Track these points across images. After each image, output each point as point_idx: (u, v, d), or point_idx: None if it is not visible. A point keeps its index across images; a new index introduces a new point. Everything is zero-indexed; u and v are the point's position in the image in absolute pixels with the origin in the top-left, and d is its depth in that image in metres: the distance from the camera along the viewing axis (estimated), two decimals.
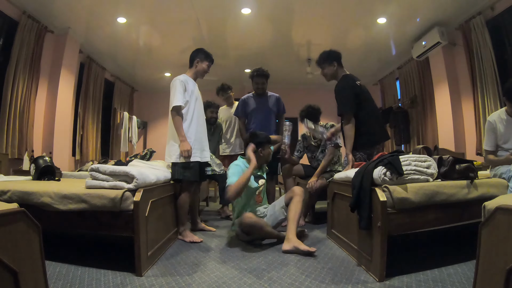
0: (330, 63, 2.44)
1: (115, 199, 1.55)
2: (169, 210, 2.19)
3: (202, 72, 2.48)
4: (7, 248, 0.84)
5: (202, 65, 2.45)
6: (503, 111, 2.12)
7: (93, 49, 5.21)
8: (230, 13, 4.21)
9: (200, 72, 2.47)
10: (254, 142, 2.34)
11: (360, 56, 5.59)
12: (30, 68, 3.88)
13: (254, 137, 2.38)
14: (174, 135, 2.31)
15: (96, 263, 1.67)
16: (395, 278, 1.47)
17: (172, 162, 2.30)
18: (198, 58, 2.45)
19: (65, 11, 4.02)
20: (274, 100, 3.24)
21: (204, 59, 2.46)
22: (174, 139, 2.32)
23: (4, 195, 1.69)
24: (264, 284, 1.45)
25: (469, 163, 1.79)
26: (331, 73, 2.45)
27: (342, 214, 2.03)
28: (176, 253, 1.97)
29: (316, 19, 4.38)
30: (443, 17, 4.25)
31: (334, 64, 2.43)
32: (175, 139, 2.31)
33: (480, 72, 3.87)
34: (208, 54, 2.50)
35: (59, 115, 4.37)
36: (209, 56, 2.50)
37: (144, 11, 4.10)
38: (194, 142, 2.31)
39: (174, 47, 5.22)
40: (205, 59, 2.47)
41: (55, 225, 1.66)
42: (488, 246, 0.95)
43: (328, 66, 2.45)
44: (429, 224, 1.59)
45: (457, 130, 4.46)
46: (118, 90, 6.55)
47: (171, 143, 2.33)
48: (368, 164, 1.73)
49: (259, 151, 2.34)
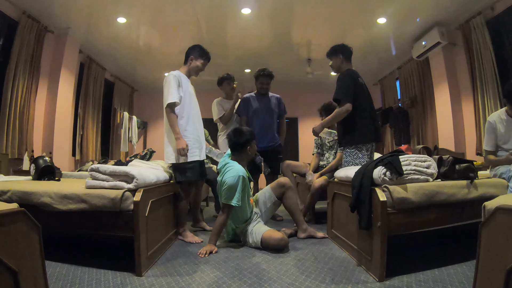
0: (336, 55, 2.47)
1: (115, 199, 1.55)
2: (169, 210, 2.19)
3: (196, 70, 2.39)
4: (7, 248, 0.84)
5: (196, 63, 2.37)
6: (503, 111, 2.12)
7: (93, 49, 5.21)
8: (230, 13, 4.21)
9: (193, 69, 2.38)
10: (242, 140, 2.19)
11: (360, 56, 5.58)
12: (30, 68, 3.88)
13: (241, 135, 2.21)
14: (169, 135, 2.23)
15: (96, 263, 1.67)
16: (395, 278, 1.47)
17: (172, 164, 2.25)
18: (193, 55, 2.38)
19: (65, 11, 4.02)
20: (276, 101, 3.24)
21: (198, 57, 2.38)
22: (169, 139, 2.24)
23: (4, 195, 1.69)
24: (264, 284, 1.45)
25: (469, 163, 1.79)
26: (336, 65, 2.48)
27: (342, 214, 2.03)
28: (176, 253, 1.97)
29: (316, 19, 4.38)
30: (443, 17, 4.25)
31: (340, 56, 2.46)
32: (170, 139, 2.23)
33: (480, 72, 3.87)
34: (204, 51, 2.41)
35: (59, 115, 4.37)
36: (204, 53, 2.41)
37: (144, 11, 4.10)
38: (194, 141, 2.27)
39: (174, 47, 5.21)
40: (200, 56, 2.38)
41: (55, 225, 1.66)
42: (488, 246, 0.95)
43: (335, 58, 2.48)
44: (429, 224, 1.59)
45: (457, 130, 4.46)
46: (118, 90, 6.55)
47: (166, 143, 2.26)
48: (368, 164, 1.73)
49: (248, 149, 2.23)
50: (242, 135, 2.21)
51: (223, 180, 2.10)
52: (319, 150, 3.20)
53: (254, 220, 2.22)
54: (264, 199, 2.37)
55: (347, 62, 2.47)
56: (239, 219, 2.17)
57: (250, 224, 2.18)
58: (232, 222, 2.18)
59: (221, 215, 2.06)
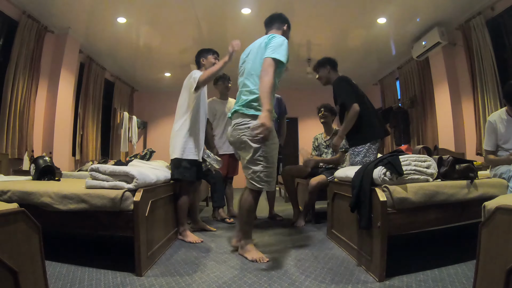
0: (323, 67, 2.54)
1: (115, 199, 1.55)
2: (169, 210, 2.19)
3: (211, 65, 2.45)
4: (7, 248, 0.84)
5: (209, 60, 2.47)
6: (504, 111, 2.12)
7: (93, 49, 5.21)
8: (230, 13, 4.21)
9: (209, 66, 2.45)
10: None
11: (360, 56, 5.59)
12: (30, 68, 3.88)
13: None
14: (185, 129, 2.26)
15: (96, 263, 1.67)
16: (395, 278, 1.47)
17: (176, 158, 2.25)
18: (202, 57, 2.50)
19: (65, 11, 4.02)
20: (276, 101, 3.23)
21: (207, 54, 2.50)
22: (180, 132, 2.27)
23: (4, 195, 1.69)
24: (264, 284, 1.45)
25: (469, 163, 1.79)
26: (324, 75, 2.54)
27: (342, 214, 2.03)
28: (176, 253, 1.97)
29: (316, 19, 4.38)
30: (443, 17, 4.25)
31: (327, 67, 2.52)
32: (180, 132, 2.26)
33: (480, 72, 3.87)
34: (208, 49, 2.54)
35: (59, 115, 4.37)
36: (210, 49, 2.53)
37: (144, 11, 4.10)
38: (200, 141, 2.33)
39: (174, 47, 5.22)
40: (208, 53, 2.50)
41: (55, 225, 1.66)
42: (488, 246, 0.95)
43: (322, 69, 2.55)
44: (429, 224, 1.59)
45: (457, 130, 4.46)
46: (118, 90, 6.55)
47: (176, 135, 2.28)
48: (368, 164, 1.73)
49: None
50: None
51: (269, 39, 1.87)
52: (317, 152, 3.23)
53: None
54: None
55: (334, 72, 2.53)
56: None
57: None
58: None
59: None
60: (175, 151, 2.26)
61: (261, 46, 1.91)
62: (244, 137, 1.80)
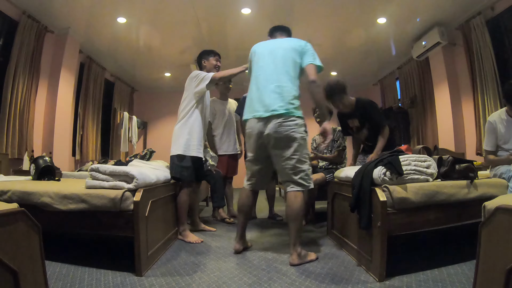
0: (344, 93, 2.42)
1: (115, 199, 1.55)
2: (169, 210, 2.19)
3: (213, 67, 2.50)
4: (7, 248, 0.84)
5: (210, 62, 2.50)
6: (503, 111, 2.12)
7: (93, 49, 5.21)
8: (230, 13, 4.21)
9: (211, 68, 2.49)
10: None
11: (360, 56, 5.59)
12: (30, 68, 3.88)
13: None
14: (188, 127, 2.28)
15: (96, 263, 1.67)
16: (395, 278, 1.47)
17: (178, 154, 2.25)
18: (204, 59, 2.51)
19: (65, 11, 4.02)
20: None
21: (208, 56, 2.51)
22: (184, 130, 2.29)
23: (4, 195, 1.69)
24: (264, 284, 1.45)
25: (469, 163, 1.79)
26: (349, 102, 2.45)
27: (342, 214, 2.03)
28: (176, 253, 1.97)
29: (316, 19, 4.38)
30: (443, 17, 4.25)
31: (346, 92, 2.44)
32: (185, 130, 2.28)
33: (480, 72, 3.87)
34: (209, 50, 2.55)
35: (59, 115, 4.37)
36: (211, 51, 2.54)
37: (144, 11, 4.10)
38: (201, 140, 2.34)
39: (174, 47, 5.21)
40: (208, 55, 2.52)
41: (55, 225, 1.66)
42: (488, 246, 0.95)
43: (345, 95, 2.43)
44: (429, 224, 1.59)
45: (457, 130, 4.46)
46: (118, 90, 6.55)
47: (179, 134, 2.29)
48: (368, 164, 1.73)
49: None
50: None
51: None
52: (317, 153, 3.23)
53: None
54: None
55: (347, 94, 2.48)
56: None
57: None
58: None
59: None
60: (178, 148, 2.27)
61: (295, 48, 1.98)
62: (297, 134, 1.84)
